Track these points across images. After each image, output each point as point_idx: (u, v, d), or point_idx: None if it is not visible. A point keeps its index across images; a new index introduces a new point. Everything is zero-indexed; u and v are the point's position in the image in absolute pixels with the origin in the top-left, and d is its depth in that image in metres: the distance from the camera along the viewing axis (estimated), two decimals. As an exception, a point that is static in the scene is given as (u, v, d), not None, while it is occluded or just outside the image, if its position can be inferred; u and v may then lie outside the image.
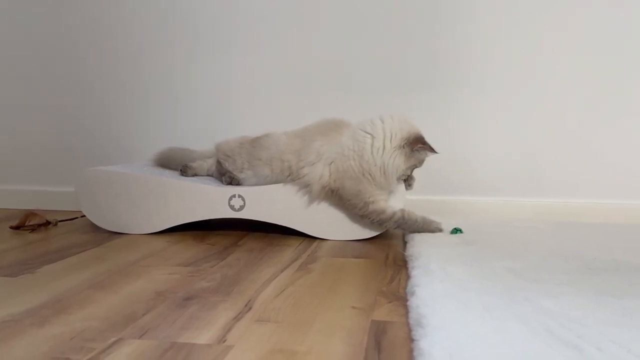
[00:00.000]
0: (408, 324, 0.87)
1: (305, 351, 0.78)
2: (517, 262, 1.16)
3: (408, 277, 1.12)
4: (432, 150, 1.41)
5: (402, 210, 1.45)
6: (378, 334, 0.85)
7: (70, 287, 1.09)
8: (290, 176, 1.48)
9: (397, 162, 1.40)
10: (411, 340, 0.80)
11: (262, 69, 1.91)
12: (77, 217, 1.81)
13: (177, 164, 1.68)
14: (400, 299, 1.01)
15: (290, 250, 1.40)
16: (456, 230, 1.47)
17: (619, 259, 1.19)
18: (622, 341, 0.73)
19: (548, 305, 0.88)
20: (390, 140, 1.41)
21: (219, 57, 1.93)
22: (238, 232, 1.60)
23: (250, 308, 0.97)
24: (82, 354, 0.77)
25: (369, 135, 1.42)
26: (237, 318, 0.92)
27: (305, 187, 1.46)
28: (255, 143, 1.57)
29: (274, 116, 1.90)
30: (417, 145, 1.40)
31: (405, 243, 1.43)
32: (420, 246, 1.31)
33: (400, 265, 1.26)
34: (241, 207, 1.51)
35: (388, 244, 1.47)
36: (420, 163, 1.46)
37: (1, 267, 1.24)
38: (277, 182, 1.50)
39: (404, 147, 1.41)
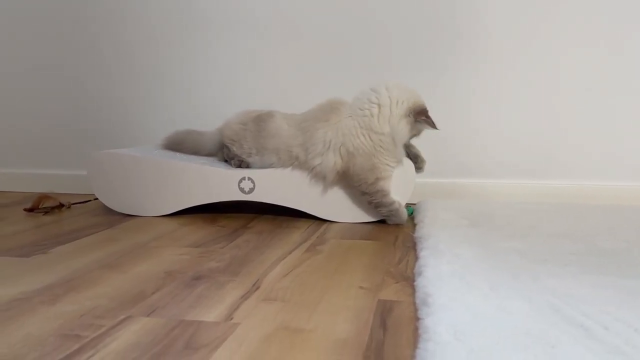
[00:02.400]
0: (414, 303, 0.88)
1: (310, 329, 0.79)
2: (524, 243, 1.16)
3: (416, 258, 1.12)
4: (434, 125, 1.42)
5: (399, 203, 1.46)
6: (384, 313, 0.85)
7: (81, 267, 1.10)
8: (297, 164, 1.48)
9: (403, 128, 1.41)
10: (417, 319, 0.80)
11: (267, 49, 1.90)
12: (90, 200, 1.84)
13: (186, 146, 1.69)
14: (408, 279, 1.01)
15: (299, 232, 1.41)
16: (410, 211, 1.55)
17: (631, 240, 1.18)
18: (628, 320, 0.72)
19: (553, 284, 0.88)
20: (397, 106, 1.41)
21: (226, 38, 1.92)
22: (248, 215, 1.60)
23: (257, 287, 0.97)
24: (92, 330, 0.79)
25: (375, 105, 1.42)
26: (244, 297, 0.92)
27: (320, 176, 1.46)
28: (259, 126, 1.55)
29: (280, 94, 1.89)
30: (421, 117, 1.41)
31: (414, 225, 1.43)
32: (429, 228, 1.31)
33: (408, 247, 1.26)
34: (251, 190, 1.52)
35: (397, 226, 1.47)
36: (418, 133, 1.48)
37: (14, 247, 1.26)
38: (283, 167, 1.50)
39: (409, 115, 1.41)
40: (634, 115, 1.70)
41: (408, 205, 1.56)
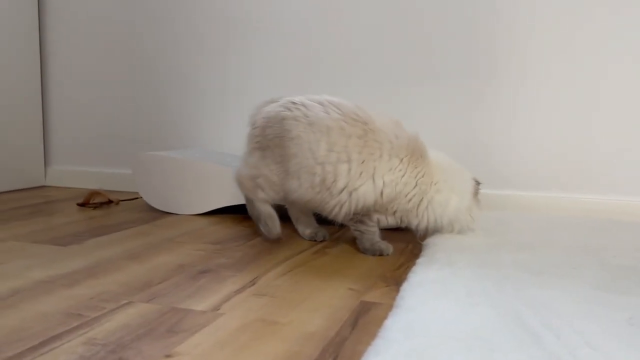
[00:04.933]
0: (392, 305, 0.92)
1: (284, 322, 0.85)
2: (529, 255, 1.16)
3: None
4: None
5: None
6: (361, 313, 0.90)
7: (106, 257, 1.22)
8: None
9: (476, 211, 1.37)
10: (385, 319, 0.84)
11: (284, 62, 1.97)
12: (137, 198, 1.98)
13: None
14: (399, 283, 1.05)
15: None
16: None
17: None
18: (587, 333, 0.73)
19: (535, 295, 0.89)
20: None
21: (272, 49, 2.01)
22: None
23: (254, 283, 1.05)
24: (94, 311, 0.89)
25: (454, 197, 1.32)
26: (238, 291, 1.00)
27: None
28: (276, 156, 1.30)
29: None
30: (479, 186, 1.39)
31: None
32: (439, 237, 1.33)
33: (416, 255, 1.28)
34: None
35: (413, 234, 1.49)
36: None
37: (58, 237, 1.41)
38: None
39: (476, 200, 1.37)
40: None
41: None
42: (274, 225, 1.33)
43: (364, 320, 0.86)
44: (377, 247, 1.29)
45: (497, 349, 0.68)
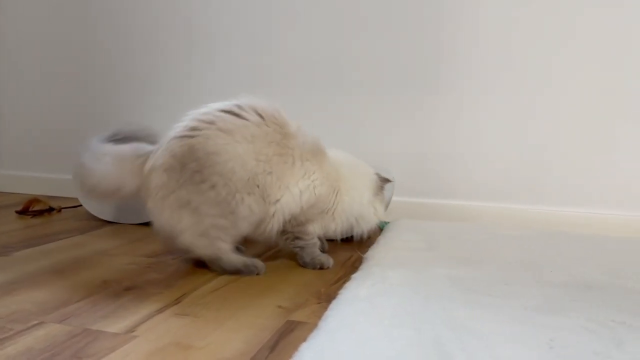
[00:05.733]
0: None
1: (200, 346, 0.81)
2: (464, 271, 1.14)
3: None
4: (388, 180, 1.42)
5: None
6: (283, 334, 0.87)
7: (30, 271, 1.16)
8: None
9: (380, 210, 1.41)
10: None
11: (261, 67, 1.93)
12: (81, 205, 1.91)
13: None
14: (331, 300, 1.02)
15: (261, 246, 1.42)
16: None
17: (575, 274, 1.14)
18: (503, 358, 0.71)
19: (460, 316, 0.87)
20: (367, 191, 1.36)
21: (220, 52, 1.97)
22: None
23: (179, 302, 1.00)
24: (1, 333, 0.83)
25: (356, 195, 1.34)
26: (160, 310, 0.96)
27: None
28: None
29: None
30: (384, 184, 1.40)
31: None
32: (380, 249, 1.31)
33: (356, 268, 1.25)
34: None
35: (360, 245, 1.47)
36: None
37: (-15, 248, 1.34)
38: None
39: (378, 194, 1.39)
40: (621, 143, 1.64)
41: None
42: (258, 263, 1.20)
43: (285, 343, 0.83)
44: (318, 261, 1.26)
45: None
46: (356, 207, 1.33)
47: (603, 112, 1.64)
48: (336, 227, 1.32)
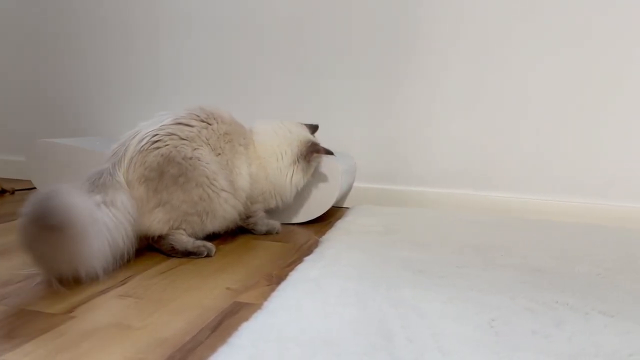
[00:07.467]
0: (263, 306, 0.87)
1: (139, 327, 0.79)
2: (419, 254, 1.14)
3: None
4: (328, 152, 1.41)
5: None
6: (227, 315, 0.85)
7: (-28, 253, 1.12)
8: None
9: (296, 178, 1.38)
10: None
11: (229, 52, 1.91)
12: (35, 188, 1.86)
13: None
14: (282, 282, 1.01)
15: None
16: None
17: (526, 258, 1.15)
18: (444, 336, 0.71)
19: (407, 295, 0.87)
20: (282, 158, 1.36)
21: (182, 35, 1.93)
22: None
23: (124, 283, 0.98)
24: None
25: (282, 168, 1.37)
26: (103, 292, 0.93)
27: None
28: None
29: (228, 96, 1.90)
30: (312, 156, 1.39)
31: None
32: (336, 232, 1.31)
33: (311, 251, 1.25)
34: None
35: (318, 229, 1.46)
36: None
37: None
38: None
39: (298, 161, 1.38)
40: (581, 130, 1.66)
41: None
42: (207, 244, 1.19)
43: (227, 324, 0.82)
44: (271, 226, 1.39)
45: (343, 354, 0.64)
46: (271, 173, 1.35)
47: (565, 101, 1.65)
48: (276, 203, 1.40)
